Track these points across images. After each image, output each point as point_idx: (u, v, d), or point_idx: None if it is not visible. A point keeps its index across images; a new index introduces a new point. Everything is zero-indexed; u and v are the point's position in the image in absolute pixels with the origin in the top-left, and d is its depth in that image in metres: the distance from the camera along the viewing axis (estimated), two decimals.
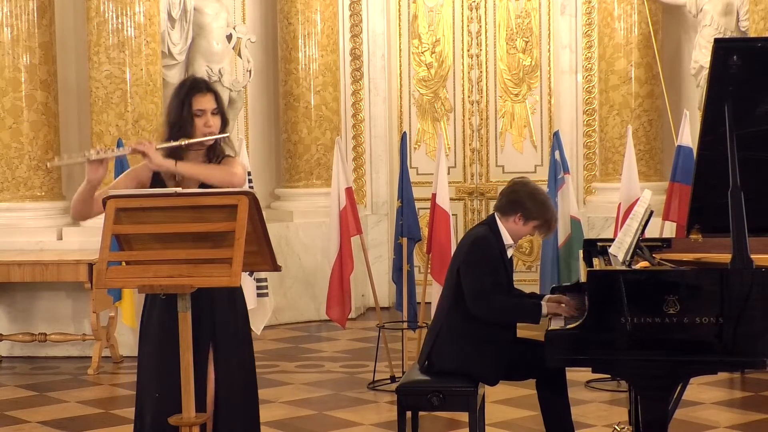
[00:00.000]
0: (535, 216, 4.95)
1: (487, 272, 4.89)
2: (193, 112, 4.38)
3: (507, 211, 4.97)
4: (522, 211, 4.94)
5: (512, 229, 4.98)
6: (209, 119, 4.39)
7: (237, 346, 4.32)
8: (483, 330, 4.91)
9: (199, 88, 4.44)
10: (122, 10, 8.33)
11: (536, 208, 4.94)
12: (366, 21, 10.35)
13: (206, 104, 4.39)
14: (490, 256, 4.92)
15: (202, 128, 4.38)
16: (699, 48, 9.22)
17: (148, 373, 4.35)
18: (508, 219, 4.97)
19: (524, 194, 4.96)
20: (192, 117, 4.38)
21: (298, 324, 9.47)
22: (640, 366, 4.11)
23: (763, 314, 4.03)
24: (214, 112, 4.41)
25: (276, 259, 3.89)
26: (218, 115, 4.43)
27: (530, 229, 4.99)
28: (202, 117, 4.38)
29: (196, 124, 4.39)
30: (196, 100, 4.39)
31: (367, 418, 6.38)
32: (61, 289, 8.22)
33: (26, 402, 6.94)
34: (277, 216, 9.62)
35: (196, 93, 4.41)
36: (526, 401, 6.34)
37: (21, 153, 8.45)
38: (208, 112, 4.39)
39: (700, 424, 6.08)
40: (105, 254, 3.71)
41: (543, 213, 4.95)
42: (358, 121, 10.39)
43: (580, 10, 10.08)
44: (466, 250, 4.97)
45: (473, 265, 4.90)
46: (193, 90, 4.42)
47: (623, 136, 8.87)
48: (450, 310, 5.00)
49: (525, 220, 4.95)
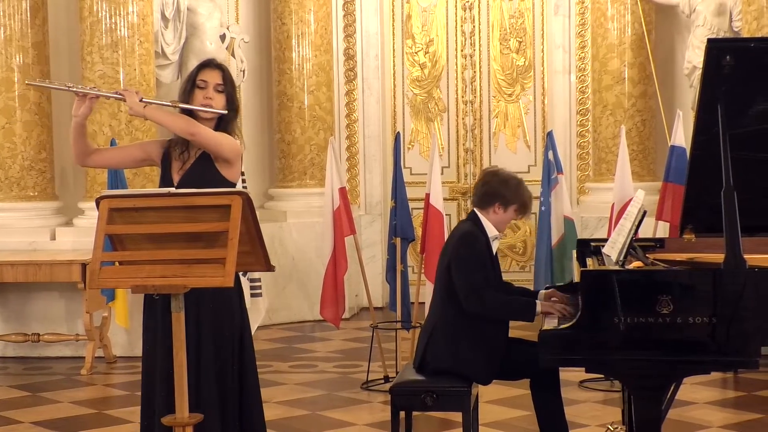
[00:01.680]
0: (512, 200, 5.03)
1: (477, 268, 4.92)
2: (197, 83, 4.43)
3: (485, 203, 5.04)
4: (499, 199, 5.02)
5: (495, 220, 5.04)
6: (210, 92, 4.42)
7: (217, 349, 4.31)
8: (476, 328, 4.92)
9: (209, 63, 4.53)
10: (115, 10, 8.32)
11: (511, 193, 5.03)
12: (359, 21, 10.35)
13: (210, 77, 4.44)
14: (479, 250, 4.95)
15: (201, 99, 4.42)
16: (692, 48, 9.23)
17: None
18: (488, 211, 5.04)
19: (497, 183, 5.05)
20: (194, 87, 4.43)
21: (292, 324, 9.47)
22: (633, 366, 4.11)
23: (755, 314, 4.03)
24: (218, 89, 4.44)
25: (269, 259, 3.89)
26: (223, 93, 4.45)
27: (512, 214, 5.06)
28: (205, 89, 4.42)
29: (195, 95, 4.43)
30: (202, 72, 4.46)
31: (360, 418, 6.38)
32: (55, 289, 8.21)
33: (19, 402, 6.92)
34: (270, 216, 9.61)
35: (204, 67, 4.49)
36: (519, 401, 6.34)
37: (14, 153, 8.44)
38: (210, 85, 4.43)
39: (693, 423, 6.08)
40: (98, 254, 3.70)
41: (519, 196, 5.04)
42: (351, 121, 10.39)
43: (573, 10, 10.09)
44: (454, 247, 4.99)
45: (464, 261, 4.92)
46: (203, 65, 4.51)
47: (617, 136, 8.88)
48: (442, 309, 5.01)
49: (504, 208, 5.03)
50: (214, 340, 4.33)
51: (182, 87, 4.52)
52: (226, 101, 4.46)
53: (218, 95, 4.44)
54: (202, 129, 4.34)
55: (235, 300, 4.41)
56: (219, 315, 4.35)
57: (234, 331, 4.40)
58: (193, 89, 4.45)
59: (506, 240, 10.40)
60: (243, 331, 4.44)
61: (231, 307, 4.39)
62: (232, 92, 4.52)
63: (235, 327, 4.41)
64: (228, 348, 4.37)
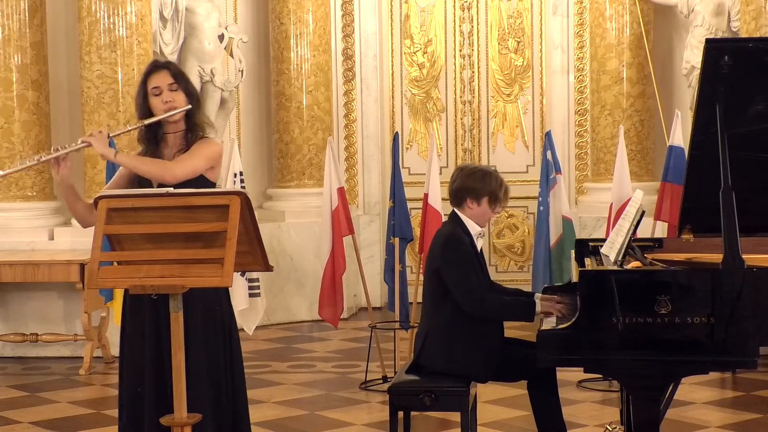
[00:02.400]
0: (481, 192, 4.97)
1: (468, 268, 4.91)
2: (149, 92, 4.35)
3: (458, 201, 5.02)
4: (469, 194, 4.98)
5: (472, 215, 5.00)
6: (167, 95, 4.34)
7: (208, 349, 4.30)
8: (471, 327, 4.91)
9: (154, 66, 4.42)
10: (114, 10, 8.31)
11: (479, 184, 4.97)
12: (358, 21, 10.35)
13: (160, 81, 4.35)
14: (465, 251, 4.93)
15: (161, 106, 4.34)
16: (690, 48, 9.24)
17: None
18: (464, 208, 5.01)
19: (463, 178, 5.01)
20: (146, 97, 4.35)
21: (290, 324, 9.47)
22: (631, 366, 4.11)
23: (754, 314, 4.03)
24: (172, 88, 4.35)
25: (268, 259, 3.88)
26: (179, 91, 4.36)
27: (486, 207, 4.99)
28: (160, 95, 4.34)
29: (153, 104, 4.35)
30: (150, 79, 4.37)
31: (359, 418, 6.37)
32: (53, 289, 8.20)
33: (18, 402, 6.92)
34: (269, 216, 9.61)
35: (150, 72, 4.39)
36: (518, 401, 6.34)
37: (12, 153, 8.43)
38: (164, 88, 4.34)
39: (692, 423, 6.09)
40: (96, 254, 3.70)
41: (486, 186, 4.97)
42: (350, 121, 10.38)
43: (571, 10, 10.09)
44: (440, 252, 4.96)
45: (453, 264, 4.91)
46: (148, 71, 4.41)
47: (615, 137, 8.88)
48: (435, 311, 5.00)
49: (477, 201, 4.98)
50: (205, 339, 4.31)
51: (137, 101, 4.43)
52: (185, 95, 4.39)
53: (175, 93, 4.36)
54: (178, 168, 4.26)
55: (224, 298, 4.40)
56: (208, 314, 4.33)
57: (224, 329, 4.38)
58: (147, 99, 4.37)
59: (504, 240, 10.41)
60: (231, 330, 4.43)
61: (220, 306, 4.37)
62: (187, 85, 4.43)
63: (225, 325, 4.39)
64: (219, 347, 4.35)
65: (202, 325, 4.30)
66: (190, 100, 4.40)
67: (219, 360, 4.35)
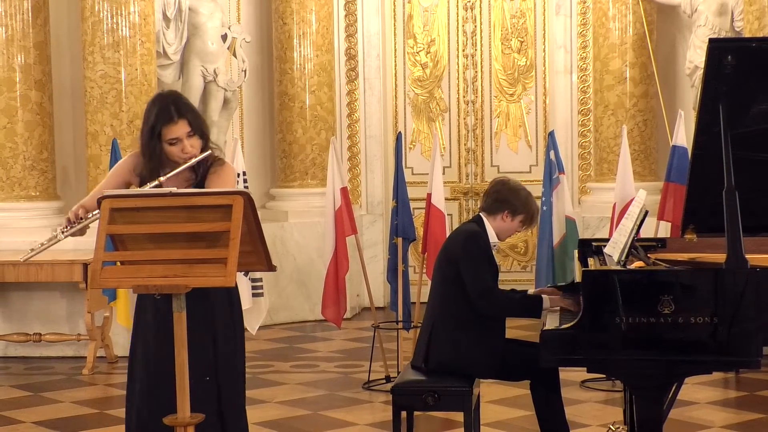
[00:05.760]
0: (520, 211, 5.16)
1: (486, 267, 5.03)
2: (167, 142, 4.21)
3: (494, 210, 5.16)
4: (508, 207, 5.15)
5: (500, 227, 5.17)
6: (185, 145, 4.21)
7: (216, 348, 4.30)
8: (477, 321, 4.98)
9: (169, 117, 4.19)
10: (117, 10, 8.31)
11: (521, 203, 5.17)
12: (361, 21, 10.35)
13: (179, 131, 4.21)
14: (486, 249, 5.07)
15: (180, 154, 4.22)
16: (694, 48, 9.23)
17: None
18: (495, 217, 5.16)
19: (507, 192, 5.18)
20: (163, 151, 4.20)
21: (293, 324, 9.47)
22: (634, 366, 4.11)
23: (757, 314, 4.03)
24: (190, 135, 4.22)
25: (271, 259, 3.88)
26: (195, 136, 4.23)
27: (517, 225, 5.20)
28: (178, 144, 4.21)
29: (170, 151, 4.22)
30: (167, 130, 4.20)
31: (362, 418, 6.38)
32: (56, 289, 8.21)
33: (21, 402, 6.92)
34: (272, 216, 9.61)
35: (166, 123, 4.20)
36: (520, 401, 6.34)
37: (15, 153, 8.44)
38: (183, 139, 4.21)
39: (695, 423, 6.08)
40: (100, 254, 3.70)
41: (527, 207, 5.19)
42: (353, 121, 10.39)
43: (574, 10, 10.09)
44: (462, 246, 5.05)
45: (474, 260, 5.01)
46: (161, 119, 4.21)
47: (618, 136, 8.88)
48: (441, 305, 5.06)
49: (512, 216, 5.16)
50: (213, 339, 4.32)
51: (146, 142, 4.21)
52: (199, 138, 4.25)
53: (192, 139, 4.22)
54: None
55: (227, 297, 4.39)
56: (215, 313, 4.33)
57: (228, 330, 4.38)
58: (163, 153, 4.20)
59: (507, 240, 10.38)
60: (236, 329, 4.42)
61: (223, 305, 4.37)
62: (198, 121, 4.26)
63: (228, 325, 4.39)
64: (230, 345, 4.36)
65: (211, 323, 4.30)
66: (204, 141, 4.26)
67: (227, 359, 4.35)
